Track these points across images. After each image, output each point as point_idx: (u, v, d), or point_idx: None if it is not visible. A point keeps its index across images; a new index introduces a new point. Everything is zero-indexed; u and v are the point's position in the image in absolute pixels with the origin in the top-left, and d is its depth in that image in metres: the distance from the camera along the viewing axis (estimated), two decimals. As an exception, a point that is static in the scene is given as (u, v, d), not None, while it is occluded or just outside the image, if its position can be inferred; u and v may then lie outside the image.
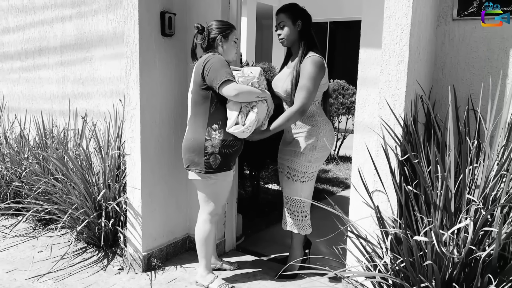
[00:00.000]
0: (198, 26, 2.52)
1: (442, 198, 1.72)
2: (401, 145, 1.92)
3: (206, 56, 2.45)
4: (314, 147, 2.60)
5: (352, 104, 6.01)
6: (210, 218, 2.58)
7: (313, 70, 2.48)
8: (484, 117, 2.11)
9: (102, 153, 3.13)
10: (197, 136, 2.45)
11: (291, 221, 2.73)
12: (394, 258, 1.78)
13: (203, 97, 2.44)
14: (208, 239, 2.59)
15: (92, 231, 3.06)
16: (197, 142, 2.44)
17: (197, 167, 2.46)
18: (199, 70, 2.42)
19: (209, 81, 2.38)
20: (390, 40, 1.95)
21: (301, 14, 2.60)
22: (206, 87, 2.42)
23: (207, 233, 2.59)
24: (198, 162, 2.45)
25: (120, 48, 3.40)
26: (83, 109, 3.73)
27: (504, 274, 1.63)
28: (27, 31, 4.14)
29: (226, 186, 2.57)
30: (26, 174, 3.45)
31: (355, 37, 2.71)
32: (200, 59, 2.48)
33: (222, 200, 2.61)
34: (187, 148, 2.49)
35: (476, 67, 2.25)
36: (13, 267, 2.92)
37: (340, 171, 5.79)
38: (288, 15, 2.58)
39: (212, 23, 2.53)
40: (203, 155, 2.43)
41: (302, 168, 2.62)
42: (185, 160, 2.52)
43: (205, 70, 2.38)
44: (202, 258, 2.63)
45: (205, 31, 2.50)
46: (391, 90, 1.97)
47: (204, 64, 2.40)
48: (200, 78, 2.41)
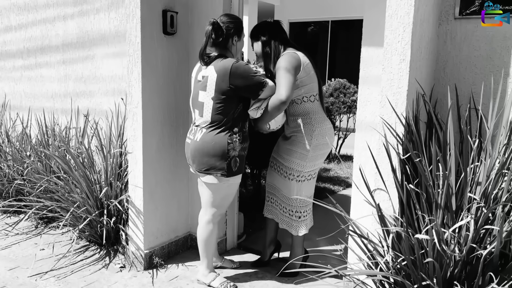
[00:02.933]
0: (214, 22, 2.38)
1: (443, 196, 1.72)
2: (403, 144, 1.93)
3: (228, 63, 2.34)
4: (308, 146, 2.58)
5: (354, 103, 6.01)
6: (213, 219, 2.58)
7: (283, 60, 2.49)
8: (486, 116, 2.11)
9: (104, 151, 3.14)
10: (219, 140, 2.38)
11: (285, 219, 2.75)
12: (395, 256, 1.78)
13: (228, 104, 2.37)
14: (211, 239, 2.60)
15: (94, 229, 3.07)
16: (220, 146, 2.38)
17: (218, 171, 2.41)
18: (224, 78, 2.33)
19: (244, 90, 2.36)
20: (392, 38, 1.95)
21: (262, 30, 2.64)
22: (233, 94, 2.36)
23: (210, 233, 2.58)
24: (220, 166, 2.40)
25: (122, 46, 3.41)
26: (85, 107, 3.74)
27: (505, 272, 1.64)
28: (29, 29, 4.15)
29: (235, 188, 2.60)
30: (28, 172, 3.46)
31: (356, 36, 2.72)
32: (220, 66, 2.35)
33: (230, 202, 2.63)
34: (206, 152, 2.40)
35: (478, 66, 2.25)
36: (15, 264, 2.93)
37: (342, 170, 5.79)
38: (253, 39, 2.67)
39: (225, 19, 2.41)
40: (225, 159, 2.39)
41: (297, 167, 2.61)
42: (202, 164, 2.43)
43: (236, 78, 2.32)
44: (204, 257, 2.63)
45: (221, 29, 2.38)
46: (393, 88, 1.97)
47: (233, 72, 2.32)
48: (227, 86, 2.33)
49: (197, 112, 2.48)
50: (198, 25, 2.95)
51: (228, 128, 2.40)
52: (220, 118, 2.39)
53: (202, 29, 2.93)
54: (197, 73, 2.50)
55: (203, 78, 2.42)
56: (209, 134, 2.40)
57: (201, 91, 2.43)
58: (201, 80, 2.44)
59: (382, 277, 1.83)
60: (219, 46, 2.43)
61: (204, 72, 2.42)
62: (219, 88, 2.35)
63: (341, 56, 11.39)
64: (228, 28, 2.40)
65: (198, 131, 2.46)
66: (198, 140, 2.44)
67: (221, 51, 2.44)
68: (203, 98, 2.42)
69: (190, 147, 2.49)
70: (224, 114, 2.38)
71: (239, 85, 2.35)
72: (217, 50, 2.43)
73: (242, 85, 2.36)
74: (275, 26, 2.67)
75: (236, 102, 2.40)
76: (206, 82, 2.39)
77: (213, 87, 2.37)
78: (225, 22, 2.41)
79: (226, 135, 2.39)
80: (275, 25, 2.68)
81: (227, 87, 2.34)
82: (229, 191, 2.54)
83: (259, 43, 2.64)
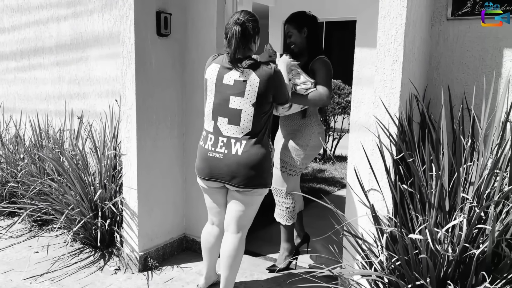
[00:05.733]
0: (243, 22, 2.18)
1: (436, 196, 1.73)
2: (396, 144, 1.94)
3: (269, 68, 2.22)
4: (306, 145, 2.72)
5: (348, 104, 6.03)
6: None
7: (326, 64, 2.66)
8: (478, 116, 2.13)
9: (98, 153, 3.12)
10: (263, 150, 2.24)
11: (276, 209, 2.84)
12: (389, 256, 1.79)
13: (267, 110, 2.25)
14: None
15: (88, 231, 3.05)
16: (265, 157, 2.24)
17: (266, 186, 2.30)
18: (266, 84, 2.19)
19: (277, 97, 2.27)
20: (385, 39, 1.96)
21: (307, 22, 2.72)
22: (270, 100, 2.26)
23: (242, 252, 2.41)
24: (265, 178, 2.28)
25: (116, 48, 3.40)
26: (79, 109, 3.72)
27: (498, 271, 1.65)
28: (22, 31, 4.13)
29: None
30: (22, 174, 3.44)
31: (350, 37, 2.74)
32: (262, 71, 2.20)
33: None
34: (252, 166, 2.21)
35: (470, 66, 2.27)
36: (9, 268, 2.91)
37: (336, 171, 5.80)
38: (294, 25, 2.72)
39: (248, 18, 2.23)
40: (268, 170, 2.29)
41: (292, 162, 2.73)
42: (248, 179, 2.22)
43: (276, 85, 2.24)
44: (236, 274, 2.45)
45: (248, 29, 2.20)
46: (386, 89, 1.98)
47: (276, 78, 2.23)
48: (269, 92, 2.22)
49: (224, 120, 2.24)
50: (192, 27, 2.95)
51: (267, 136, 2.28)
52: (260, 126, 2.23)
53: (196, 30, 2.94)
54: (221, 76, 2.25)
55: (237, 83, 2.21)
56: (254, 146, 2.21)
57: (234, 97, 2.21)
58: (232, 85, 2.21)
59: (376, 277, 1.83)
60: (245, 46, 2.24)
61: (238, 76, 2.21)
62: (262, 94, 2.19)
63: (335, 57, 11.40)
64: (253, 27, 2.23)
65: (234, 143, 2.22)
66: (240, 154, 2.20)
67: (247, 52, 2.26)
68: (240, 104, 2.20)
69: (226, 162, 2.23)
70: (264, 122, 2.25)
71: (276, 92, 2.26)
72: (242, 51, 2.24)
73: (279, 93, 2.27)
74: (316, 25, 2.77)
75: (270, 108, 2.28)
76: (244, 87, 2.19)
77: (255, 93, 2.18)
78: (249, 21, 2.21)
79: (266, 144, 2.27)
80: (316, 24, 2.77)
81: (269, 93, 2.22)
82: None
83: (297, 35, 2.70)
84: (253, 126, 2.21)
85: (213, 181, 2.32)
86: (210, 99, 2.29)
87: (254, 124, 2.21)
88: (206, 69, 2.33)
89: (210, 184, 2.36)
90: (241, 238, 2.38)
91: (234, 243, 2.36)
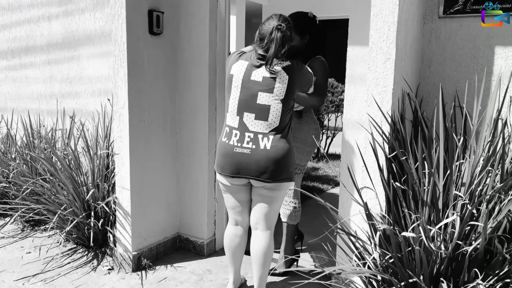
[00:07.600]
0: (285, 29, 2.20)
1: (429, 194, 1.74)
2: (389, 142, 1.94)
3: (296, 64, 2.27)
4: (305, 141, 2.75)
5: (341, 102, 6.03)
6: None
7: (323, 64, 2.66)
8: (470, 114, 2.14)
9: (91, 152, 3.10)
10: (288, 145, 2.26)
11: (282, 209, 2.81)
12: (382, 254, 1.80)
13: (291, 105, 2.29)
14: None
15: (81, 231, 3.04)
16: (291, 151, 2.27)
17: (292, 180, 2.32)
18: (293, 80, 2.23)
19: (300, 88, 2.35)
20: (377, 38, 1.97)
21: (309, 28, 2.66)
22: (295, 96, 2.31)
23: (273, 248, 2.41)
24: (292, 171, 2.30)
25: (108, 46, 3.38)
26: (71, 108, 3.70)
27: (490, 268, 1.66)
28: (13, 30, 4.09)
29: None
30: (14, 174, 3.41)
31: (343, 35, 2.74)
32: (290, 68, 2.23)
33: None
34: (280, 160, 2.21)
35: (462, 64, 2.28)
36: (1, 268, 2.88)
37: (330, 169, 5.82)
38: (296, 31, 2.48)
39: (288, 23, 2.24)
40: (294, 163, 2.32)
41: (296, 160, 2.73)
42: (277, 173, 2.22)
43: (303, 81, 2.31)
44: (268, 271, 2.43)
45: (286, 35, 2.21)
46: (379, 87, 1.98)
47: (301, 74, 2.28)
48: (296, 89, 2.27)
49: (251, 116, 2.24)
50: (185, 25, 2.94)
51: (289, 130, 2.30)
52: (286, 122, 2.26)
53: (188, 28, 2.93)
54: (249, 73, 2.25)
55: (265, 79, 2.22)
56: (281, 141, 2.23)
57: (263, 93, 2.22)
58: (261, 81, 2.22)
59: (370, 275, 1.84)
60: (282, 50, 2.23)
61: (267, 73, 2.22)
62: (290, 90, 2.23)
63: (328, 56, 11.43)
64: (290, 33, 2.24)
65: (261, 138, 2.23)
66: (269, 148, 2.21)
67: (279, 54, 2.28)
68: (268, 100, 2.21)
69: (255, 158, 2.22)
70: (289, 118, 2.28)
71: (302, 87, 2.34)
72: (277, 54, 2.24)
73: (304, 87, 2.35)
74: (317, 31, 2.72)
75: (293, 103, 2.33)
76: (274, 84, 2.21)
77: (284, 89, 2.21)
78: (288, 28, 2.23)
79: (290, 139, 2.29)
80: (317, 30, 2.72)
81: (296, 89, 2.28)
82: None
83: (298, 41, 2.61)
84: (280, 122, 2.23)
85: (238, 178, 2.28)
86: (235, 94, 2.27)
87: (281, 120, 2.23)
88: (232, 66, 2.30)
89: (234, 182, 2.32)
90: (271, 235, 2.37)
91: (267, 240, 2.35)
